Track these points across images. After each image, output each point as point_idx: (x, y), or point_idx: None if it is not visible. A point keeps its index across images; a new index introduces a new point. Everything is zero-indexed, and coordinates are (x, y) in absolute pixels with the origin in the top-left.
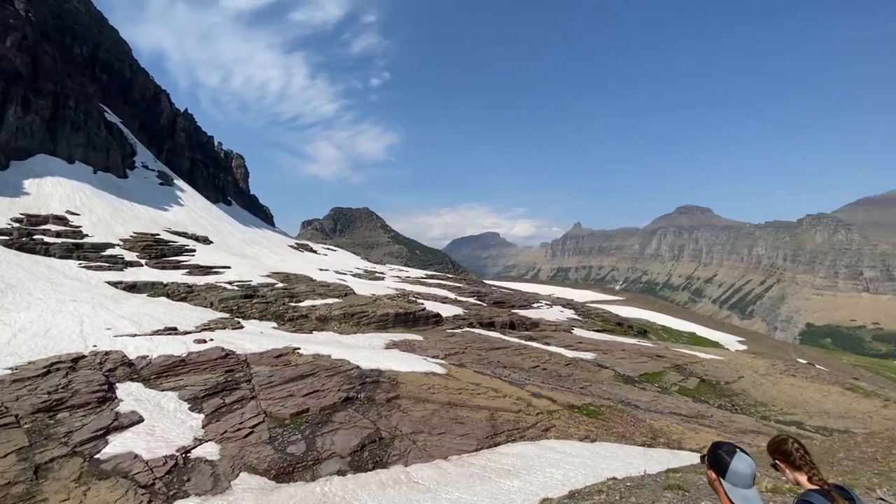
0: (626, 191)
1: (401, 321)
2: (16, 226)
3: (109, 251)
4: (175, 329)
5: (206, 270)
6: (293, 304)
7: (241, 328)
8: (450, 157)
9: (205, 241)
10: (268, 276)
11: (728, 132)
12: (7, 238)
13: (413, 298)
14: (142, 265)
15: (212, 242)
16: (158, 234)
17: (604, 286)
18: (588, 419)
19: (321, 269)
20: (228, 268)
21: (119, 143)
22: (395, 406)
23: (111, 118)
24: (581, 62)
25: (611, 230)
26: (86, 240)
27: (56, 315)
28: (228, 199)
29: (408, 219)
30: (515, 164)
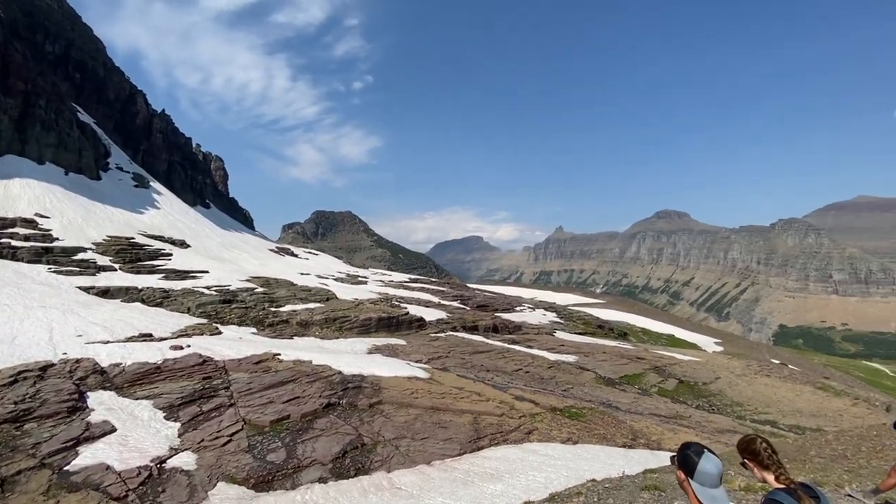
0: (607, 195)
1: (384, 325)
2: None
3: (81, 255)
4: (150, 335)
5: (183, 275)
6: (273, 309)
7: (220, 334)
8: (433, 161)
9: (182, 245)
10: (247, 281)
11: (704, 139)
12: None
13: (396, 303)
14: (115, 270)
15: (189, 246)
16: (133, 238)
17: (585, 289)
18: (570, 421)
19: (302, 274)
20: (206, 272)
21: (92, 144)
22: (378, 411)
23: (84, 118)
24: (562, 70)
25: (592, 234)
26: (56, 243)
27: (23, 322)
28: (207, 202)
29: (391, 222)
30: (498, 168)
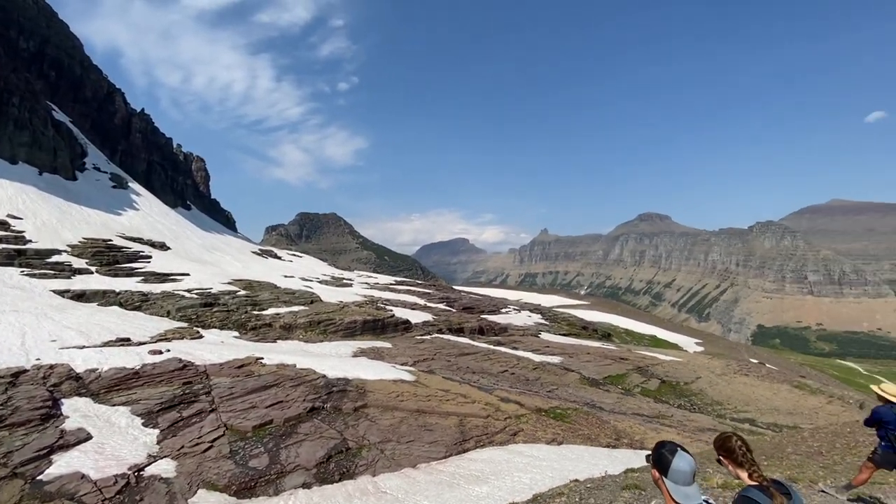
0: (591, 198)
1: (369, 328)
2: None
3: (56, 258)
4: (128, 340)
5: (163, 278)
6: (256, 313)
7: (201, 338)
8: (419, 163)
9: (162, 247)
10: (229, 284)
11: (685, 142)
12: None
13: (382, 305)
14: (92, 272)
15: (169, 248)
16: (111, 240)
17: (569, 291)
18: (555, 422)
19: (286, 276)
20: (187, 275)
21: (68, 144)
22: (363, 415)
23: (60, 117)
24: (548, 73)
25: (576, 236)
26: (29, 245)
27: None
28: (188, 204)
29: (377, 224)
30: (485, 170)
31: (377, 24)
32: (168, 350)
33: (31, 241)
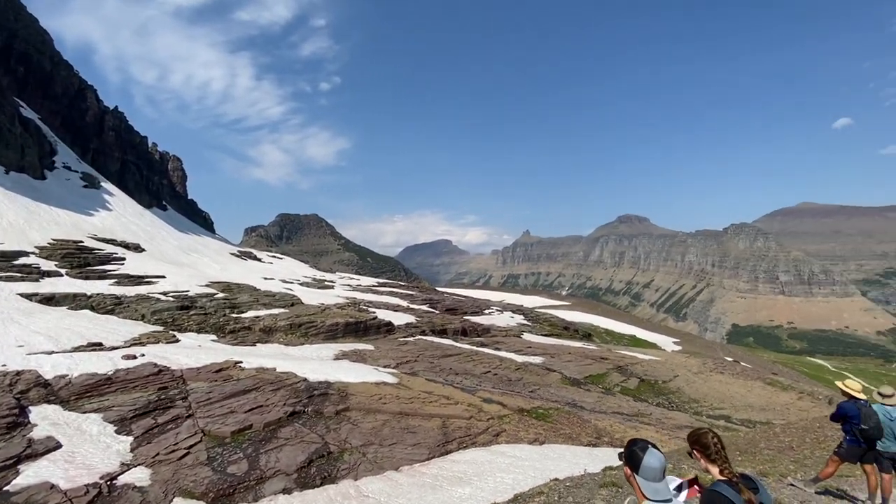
0: (572, 200)
1: (351, 331)
2: None
3: (23, 260)
4: (100, 344)
5: (138, 280)
6: (235, 316)
7: (177, 342)
8: (402, 164)
9: (136, 249)
10: (207, 286)
11: (662, 146)
12: None
13: (364, 307)
14: (62, 275)
15: (144, 250)
16: (82, 241)
17: (551, 292)
18: (537, 422)
19: (266, 278)
20: (163, 277)
21: (36, 141)
22: (345, 418)
23: (28, 114)
24: (531, 76)
25: (558, 238)
26: None
27: None
28: (164, 204)
29: (359, 226)
30: (468, 172)
31: (359, 25)
32: (142, 355)
33: None
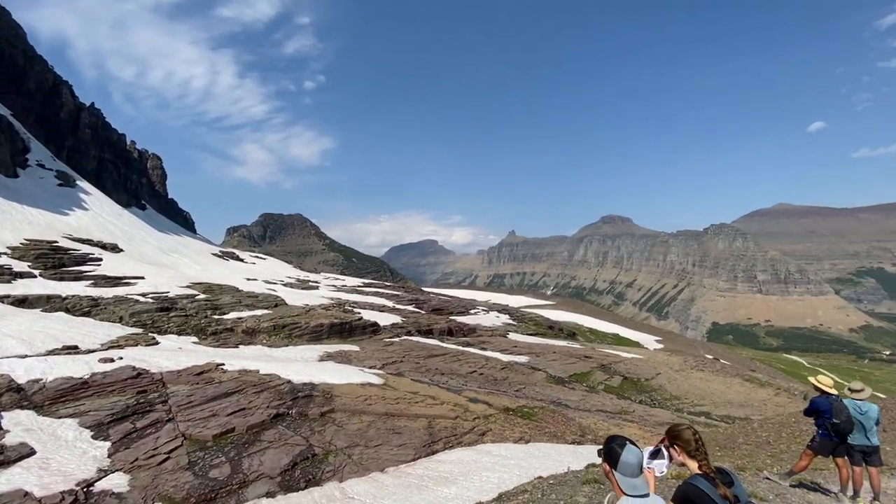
0: (556, 200)
1: (336, 332)
2: None
3: None
4: (76, 348)
5: (115, 281)
6: (217, 317)
7: (157, 344)
8: (388, 164)
9: (113, 249)
10: (188, 287)
11: (644, 147)
12: None
13: (349, 308)
14: (35, 276)
15: (122, 250)
16: (56, 242)
17: (536, 291)
18: (522, 421)
19: (249, 279)
20: (142, 278)
21: (8, 138)
22: (330, 420)
23: None
24: (515, 77)
25: (543, 238)
26: None
27: None
28: (143, 203)
29: (344, 226)
30: (453, 173)
31: (345, 23)
32: (120, 358)
33: None
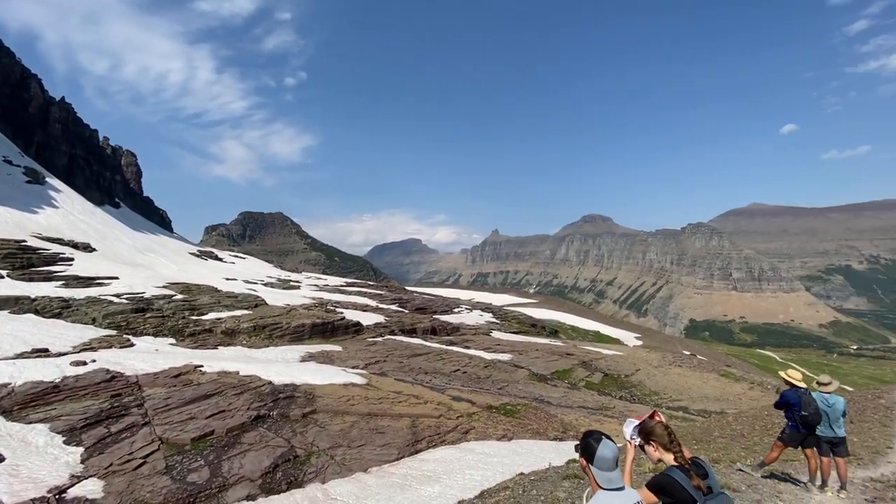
0: (539, 200)
1: (318, 332)
2: None
3: None
4: (46, 350)
5: (88, 282)
6: (195, 318)
7: (132, 346)
8: (371, 162)
9: (86, 249)
10: (164, 287)
11: (623, 148)
12: None
13: (332, 307)
14: (2, 277)
15: (95, 250)
16: (24, 241)
17: (519, 290)
18: (505, 418)
19: (228, 279)
20: (116, 278)
21: None
22: (312, 421)
23: None
24: (499, 77)
25: (525, 237)
26: None
27: None
28: (116, 201)
29: (326, 224)
30: (437, 172)
31: (326, 19)
32: (93, 360)
33: None
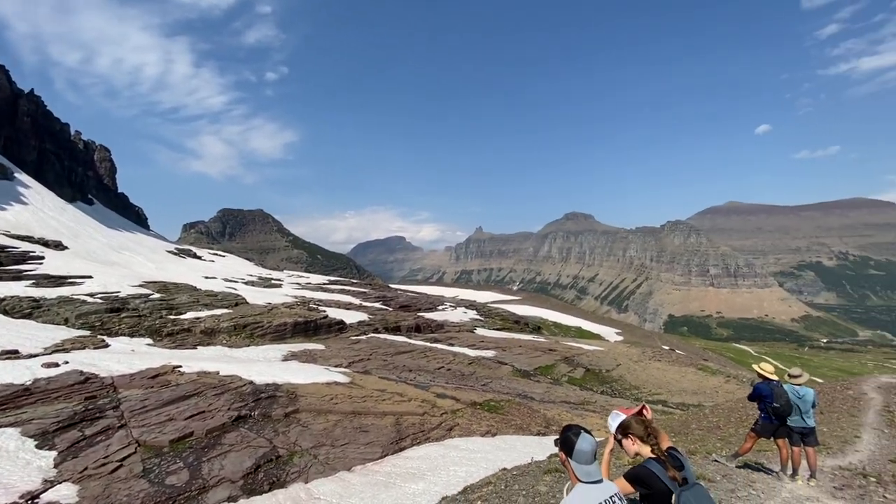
0: (522, 197)
1: (300, 330)
2: None
3: None
4: (16, 352)
5: (59, 281)
6: (173, 317)
7: (107, 347)
8: (354, 159)
9: (57, 247)
10: (141, 286)
11: (604, 146)
12: None
13: (314, 306)
14: None
15: (67, 248)
16: None
17: (503, 287)
18: (489, 414)
19: (207, 277)
20: (89, 277)
21: None
22: (295, 420)
23: None
24: (485, 75)
25: (509, 234)
26: None
27: None
28: (89, 198)
29: (309, 222)
30: (420, 169)
31: (308, 13)
32: (66, 362)
33: None
